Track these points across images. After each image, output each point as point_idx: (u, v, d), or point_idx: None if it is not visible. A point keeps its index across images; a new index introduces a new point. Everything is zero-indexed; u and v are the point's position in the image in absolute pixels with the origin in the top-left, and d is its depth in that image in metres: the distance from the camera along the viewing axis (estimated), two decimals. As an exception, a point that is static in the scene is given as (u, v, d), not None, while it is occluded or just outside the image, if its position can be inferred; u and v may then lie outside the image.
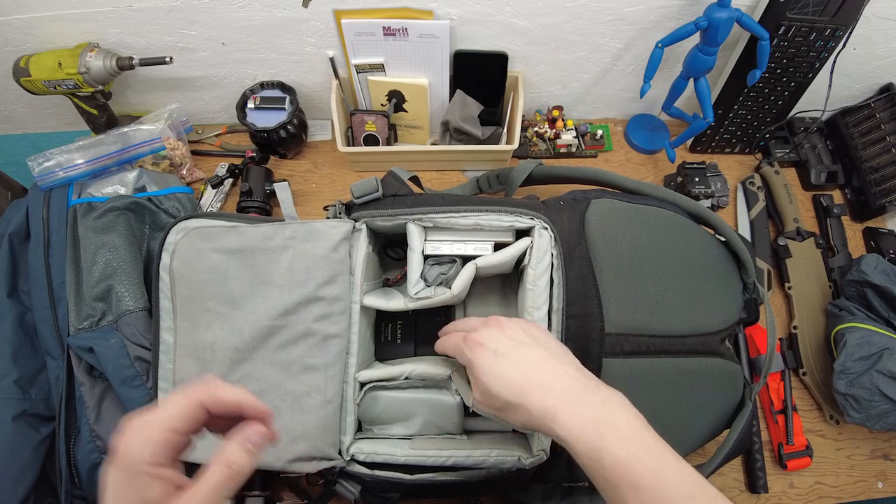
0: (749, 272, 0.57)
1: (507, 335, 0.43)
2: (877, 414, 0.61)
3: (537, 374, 0.40)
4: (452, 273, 0.56)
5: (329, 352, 0.51)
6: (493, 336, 0.43)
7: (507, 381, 0.40)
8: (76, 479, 0.55)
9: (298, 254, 0.52)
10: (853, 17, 0.64)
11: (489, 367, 0.41)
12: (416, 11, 0.64)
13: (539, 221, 0.53)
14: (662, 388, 0.51)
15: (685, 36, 0.64)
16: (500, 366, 0.41)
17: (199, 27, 0.65)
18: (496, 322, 0.44)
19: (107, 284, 0.58)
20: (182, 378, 0.53)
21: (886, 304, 0.66)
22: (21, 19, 0.62)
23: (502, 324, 0.44)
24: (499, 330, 0.43)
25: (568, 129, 0.81)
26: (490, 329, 0.43)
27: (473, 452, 0.52)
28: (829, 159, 0.83)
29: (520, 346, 0.42)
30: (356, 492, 0.53)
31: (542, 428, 0.39)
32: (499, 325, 0.44)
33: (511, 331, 0.43)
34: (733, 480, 0.67)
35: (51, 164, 0.65)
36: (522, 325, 0.44)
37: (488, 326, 0.44)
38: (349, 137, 0.77)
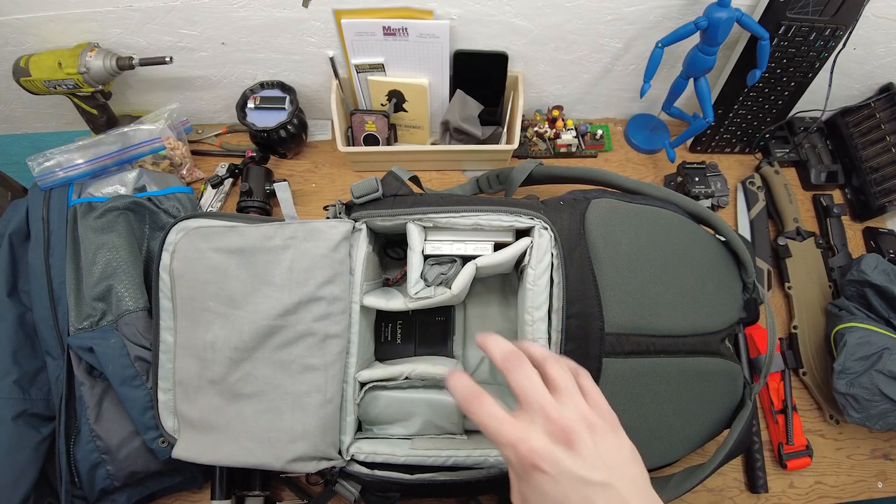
0: (749, 272, 0.57)
1: (579, 463, 0.32)
2: (877, 414, 0.61)
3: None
4: (452, 273, 0.56)
5: (329, 351, 0.51)
6: (558, 461, 0.32)
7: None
8: (76, 479, 0.55)
9: (298, 254, 0.52)
10: (853, 17, 0.64)
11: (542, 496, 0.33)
12: (416, 11, 0.64)
13: (539, 221, 0.53)
14: (662, 388, 0.51)
15: (685, 36, 0.64)
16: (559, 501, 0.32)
17: (199, 27, 0.65)
18: (565, 437, 0.33)
19: (107, 284, 0.58)
20: (182, 378, 0.53)
21: (886, 303, 0.66)
22: (21, 19, 0.62)
23: (572, 440, 0.33)
24: (568, 453, 0.33)
25: (568, 128, 0.81)
26: (557, 450, 0.33)
27: (473, 452, 0.52)
28: (829, 159, 0.83)
29: (588, 486, 0.32)
30: (356, 492, 0.53)
31: None
32: (568, 443, 0.33)
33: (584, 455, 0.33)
34: (733, 480, 0.67)
35: (51, 163, 0.65)
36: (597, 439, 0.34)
37: (555, 443, 0.33)
38: (349, 137, 0.77)
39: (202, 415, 0.51)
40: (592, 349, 0.50)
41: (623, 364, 0.50)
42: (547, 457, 0.32)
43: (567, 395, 0.35)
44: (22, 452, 0.54)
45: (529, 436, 0.33)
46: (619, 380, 0.50)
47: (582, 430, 0.33)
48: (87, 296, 0.58)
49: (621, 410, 0.49)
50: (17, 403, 0.55)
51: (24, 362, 0.58)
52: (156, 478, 0.58)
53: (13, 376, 0.56)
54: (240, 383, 0.51)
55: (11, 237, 0.62)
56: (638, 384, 0.50)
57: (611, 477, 0.33)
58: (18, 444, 0.54)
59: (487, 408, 0.34)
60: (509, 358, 0.36)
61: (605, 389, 0.49)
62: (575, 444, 0.33)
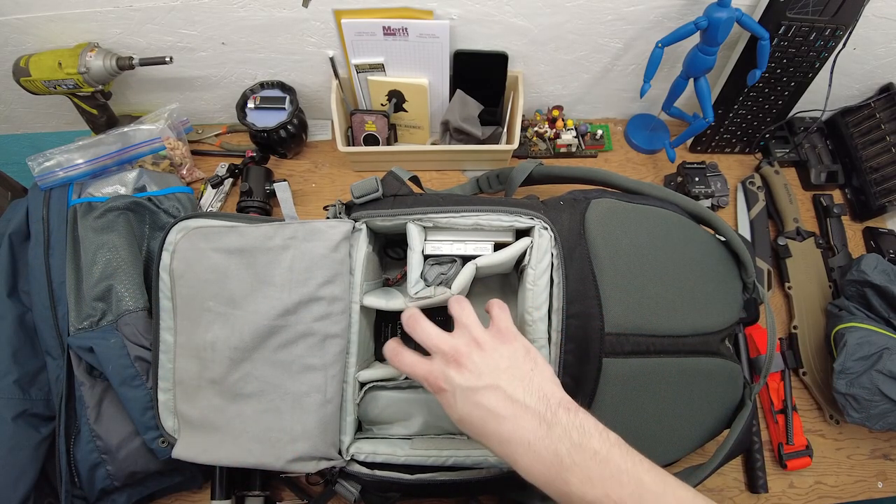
0: (749, 272, 0.57)
1: (465, 376, 0.40)
2: (877, 414, 0.61)
3: (495, 421, 0.38)
4: (452, 273, 0.56)
5: (329, 352, 0.51)
6: (451, 380, 0.40)
7: (469, 426, 0.40)
8: (76, 479, 0.55)
9: (299, 253, 0.52)
10: (853, 17, 0.64)
11: (451, 410, 0.41)
12: (416, 11, 0.64)
13: (539, 221, 0.53)
14: (662, 388, 0.51)
15: (685, 36, 0.64)
16: (461, 412, 0.40)
17: (199, 27, 0.65)
18: (455, 360, 0.41)
19: (107, 284, 0.58)
20: (182, 378, 0.53)
21: (886, 303, 0.66)
22: (21, 19, 0.62)
23: (460, 360, 0.41)
24: (457, 371, 0.40)
25: (568, 128, 0.81)
26: (449, 370, 0.41)
27: (473, 452, 0.52)
28: (829, 159, 0.83)
29: (477, 392, 0.39)
30: (356, 492, 0.53)
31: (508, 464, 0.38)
32: (457, 364, 0.41)
33: (470, 369, 0.40)
34: (733, 480, 0.67)
35: (51, 163, 0.65)
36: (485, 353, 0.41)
37: (447, 366, 0.41)
38: (349, 137, 0.77)
39: (202, 415, 0.51)
40: (592, 349, 0.50)
41: (623, 364, 0.50)
42: (442, 377, 0.41)
43: (460, 328, 0.44)
44: (22, 452, 0.54)
45: (432, 368, 0.42)
46: (619, 380, 0.49)
47: (469, 350, 0.41)
48: (87, 296, 0.58)
49: (621, 410, 0.49)
50: (17, 403, 0.55)
51: (24, 362, 0.57)
52: (156, 478, 0.58)
53: (13, 376, 0.56)
54: (240, 383, 0.51)
55: (11, 237, 0.62)
56: (638, 384, 0.50)
57: (497, 379, 0.39)
58: (18, 444, 0.54)
59: (404, 358, 0.44)
60: (407, 322, 0.45)
61: (606, 389, 0.49)
62: (462, 362, 0.40)
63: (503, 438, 0.37)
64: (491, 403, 0.38)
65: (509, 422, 0.37)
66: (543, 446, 0.35)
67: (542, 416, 0.37)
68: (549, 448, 0.35)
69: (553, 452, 0.35)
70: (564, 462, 0.35)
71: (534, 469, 0.36)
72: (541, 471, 0.35)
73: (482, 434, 0.39)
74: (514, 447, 0.36)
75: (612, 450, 0.35)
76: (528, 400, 0.38)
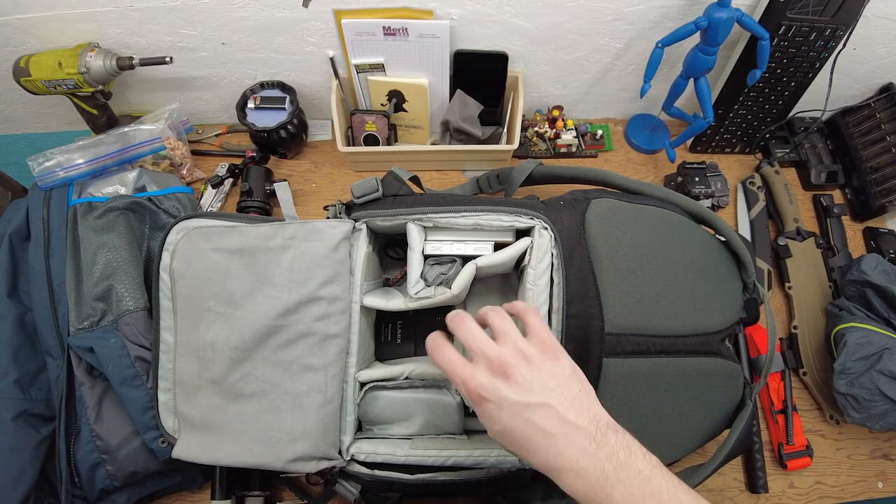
0: (749, 272, 0.57)
1: (515, 390, 0.38)
2: (877, 414, 0.61)
3: (543, 438, 0.37)
4: (452, 273, 0.56)
5: (329, 351, 0.51)
6: (497, 391, 0.38)
7: (511, 439, 0.39)
8: (76, 479, 0.55)
9: (299, 253, 0.52)
10: (853, 17, 0.64)
11: (492, 422, 0.39)
12: (416, 11, 0.64)
13: (539, 221, 0.53)
14: (662, 388, 0.51)
15: (685, 36, 0.64)
16: (504, 425, 0.38)
17: (199, 27, 0.65)
18: (502, 371, 0.39)
19: (107, 284, 0.58)
20: (182, 378, 0.53)
21: (886, 304, 0.66)
22: (21, 19, 0.62)
23: (509, 372, 0.39)
24: (505, 383, 0.38)
25: (568, 128, 0.81)
26: (495, 381, 0.39)
27: (473, 452, 0.52)
28: (830, 159, 0.83)
29: (527, 409, 0.38)
30: (356, 492, 0.53)
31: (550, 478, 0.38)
32: (505, 376, 0.39)
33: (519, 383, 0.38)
34: (733, 480, 0.67)
35: (51, 163, 0.65)
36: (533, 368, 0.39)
37: (494, 376, 0.39)
38: (349, 137, 0.77)
39: (202, 415, 0.51)
40: (593, 349, 0.50)
41: (623, 364, 0.50)
42: (488, 388, 0.38)
43: (504, 337, 0.41)
44: (22, 452, 0.54)
45: (475, 374, 0.39)
46: (619, 380, 0.49)
47: (517, 363, 0.39)
48: (88, 296, 0.58)
49: (621, 410, 0.49)
50: (17, 403, 0.55)
51: (24, 362, 0.57)
52: (156, 478, 0.58)
53: (13, 376, 0.56)
54: (240, 383, 0.51)
55: (11, 237, 0.62)
56: (638, 384, 0.50)
57: (548, 398, 0.38)
58: (18, 444, 0.54)
59: (446, 353, 0.42)
60: (453, 319, 0.43)
61: (606, 389, 0.49)
62: (511, 375, 0.39)
63: (550, 453, 0.37)
64: (542, 422, 0.37)
65: (560, 440, 0.37)
66: (591, 464, 0.36)
67: (592, 437, 0.37)
68: (597, 466, 0.36)
69: (600, 470, 0.35)
70: (610, 479, 0.35)
71: (577, 485, 0.36)
72: (585, 487, 0.36)
73: (526, 449, 0.38)
74: (560, 463, 0.37)
75: (654, 470, 0.36)
76: (580, 421, 0.38)
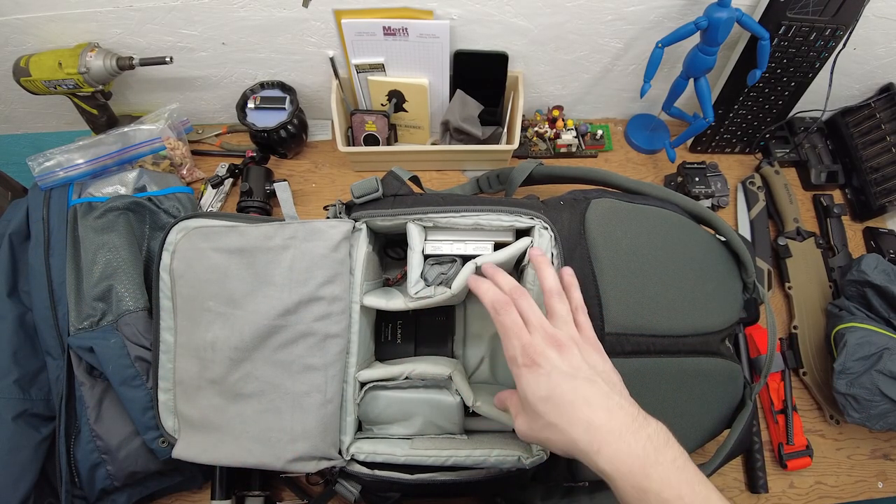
0: (749, 272, 0.57)
1: (566, 362, 0.41)
2: (877, 414, 0.61)
3: (588, 408, 0.38)
4: (452, 273, 0.56)
5: (329, 351, 0.51)
6: (550, 359, 0.41)
7: (554, 406, 0.39)
8: (76, 479, 0.55)
9: (299, 253, 0.52)
10: (853, 17, 0.64)
11: (538, 387, 0.40)
12: (416, 11, 0.64)
13: (539, 221, 0.53)
14: (663, 387, 0.51)
15: (685, 36, 0.64)
16: (552, 390, 0.40)
17: (200, 27, 0.65)
18: (557, 344, 0.42)
19: (107, 284, 0.58)
20: (182, 378, 0.53)
21: (886, 303, 0.66)
22: (21, 19, 0.62)
23: (563, 347, 0.42)
24: (558, 354, 0.41)
25: (568, 128, 0.81)
26: (549, 350, 0.41)
27: (473, 452, 0.52)
28: (830, 159, 0.83)
29: (575, 379, 0.40)
30: (356, 491, 0.53)
31: (582, 458, 0.38)
32: (559, 348, 0.41)
33: (571, 358, 0.41)
34: (733, 480, 0.67)
35: (51, 163, 0.65)
36: (584, 352, 0.42)
37: (548, 345, 0.42)
38: (349, 137, 0.77)
39: (202, 415, 0.51)
40: (592, 349, 0.50)
41: (623, 364, 0.49)
42: (542, 353, 0.41)
43: (561, 321, 0.44)
44: (22, 452, 0.54)
45: (533, 340, 0.42)
46: (619, 380, 0.49)
47: (570, 343, 0.42)
48: (88, 296, 0.58)
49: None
50: (18, 403, 0.55)
51: (24, 362, 0.57)
52: (156, 478, 0.58)
53: (13, 376, 0.56)
54: (240, 383, 0.51)
55: (11, 237, 0.62)
56: (638, 384, 0.50)
57: (596, 376, 0.41)
58: (18, 444, 0.54)
59: (512, 315, 0.43)
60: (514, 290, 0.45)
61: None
62: (564, 350, 0.41)
63: (593, 425, 0.38)
64: (588, 393, 0.39)
65: (603, 413, 0.38)
66: (634, 441, 0.37)
67: (634, 417, 0.38)
68: (639, 444, 0.36)
69: (641, 448, 0.36)
70: (650, 458, 0.36)
71: (618, 457, 0.36)
72: (625, 461, 0.36)
73: (569, 418, 0.39)
74: (603, 434, 0.37)
75: (687, 462, 0.37)
76: (623, 402, 0.39)
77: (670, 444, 0.37)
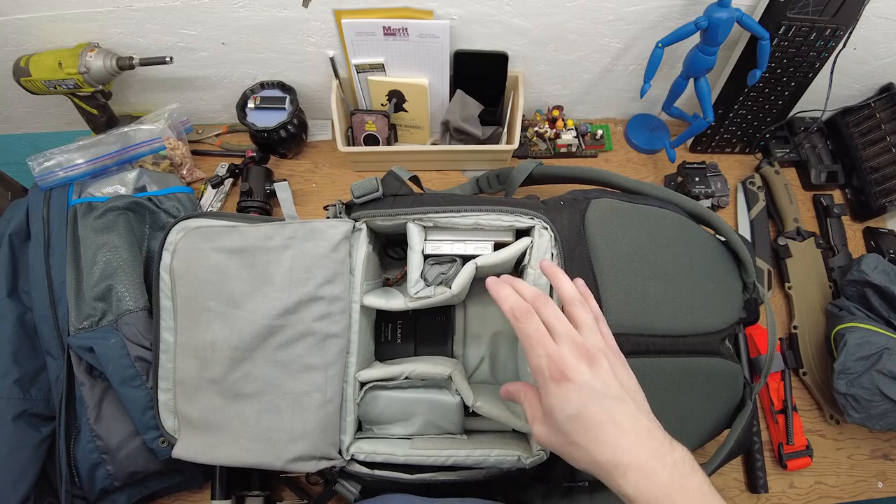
0: (749, 272, 0.57)
1: (598, 378, 0.39)
2: (877, 414, 0.61)
3: (617, 432, 0.37)
4: (452, 273, 0.56)
5: (329, 351, 0.51)
6: (581, 373, 0.39)
7: (581, 426, 0.38)
8: (76, 479, 0.55)
9: (299, 253, 0.52)
10: (853, 17, 0.64)
11: (567, 404, 0.38)
12: (416, 11, 0.64)
13: (539, 221, 0.53)
14: (663, 387, 0.51)
15: (685, 36, 0.64)
16: (582, 409, 0.38)
17: (200, 27, 0.65)
18: (588, 356, 0.40)
19: (107, 284, 0.58)
20: (182, 378, 0.53)
21: (886, 304, 0.66)
22: (21, 19, 0.62)
23: (594, 360, 0.40)
24: (589, 368, 0.39)
25: (568, 128, 0.81)
26: (581, 364, 0.39)
27: (473, 452, 0.52)
28: (830, 159, 0.83)
29: (606, 398, 0.38)
30: (356, 491, 0.53)
31: (604, 478, 0.37)
32: (590, 361, 0.39)
33: (602, 374, 0.39)
34: (733, 480, 0.67)
35: (51, 163, 0.65)
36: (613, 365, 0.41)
37: (580, 359, 0.39)
38: (349, 137, 0.77)
39: (202, 414, 0.51)
40: (592, 349, 0.50)
41: (623, 364, 0.50)
42: (573, 367, 0.39)
43: (589, 330, 0.42)
44: (22, 452, 0.54)
45: (562, 351, 0.40)
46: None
47: (600, 355, 0.40)
48: (88, 296, 0.58)
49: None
50: (18, 403, 0.55)
51: (25, 362, 0.57)
52: (156, 478, 0.58)
53: (13, 376, 0.56)
54: (240, 383, 0.51)
55: (11, 237, 0.62)
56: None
57: (625, 395, 0.39)
58: (18, 444, 0.54)
59: (535, 324, 0.41)
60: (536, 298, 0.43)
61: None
62: (596, 364, 0.39)
63: (620, 448, 0.37)
64: (619, 415, 0.38)
65: (632, 437, 0.37)
66: (660, 467, 0.36)
67: (661, 442, 0.37)
68: (665, 470, 0.36)
69: (668, 475, 0.36)
70: (676, 485, 0.35)
71: (644, 483, 0.36)
72: (650, 487, 0.35)
73: (594, 439, 0.37)
74: (629, 459, 0.36)
75: (712, 490, 0.36)
76: (651, 425, 0.38)
77: (696, 470, 0.36)
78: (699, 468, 0.37)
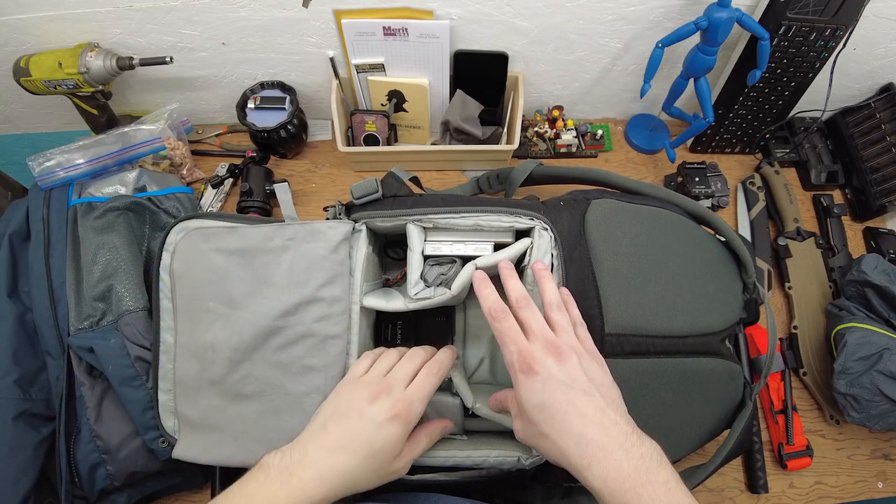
0: (749, 272, 0.57)
1: (564, 372, 0.41)
2: (877, 414, 0.61)
3: (581, 421, 0.38)
4: (452, 273, 0.56)
5: (329, 352, 0.51)
6: (547, 367, 0.41)
7: (548, 416, 0.39)
8: (76, 479, 0.55)
9: (298, 254, 0.52)
10: (853, 17, 0.64)
11: (533, 394, 0.40)
12: (416, 11, 0.64)
13: (539, 222, 0.53)
14: (663, 388, 0.51)
15: (685, 36, 0.64)
16: (546, 399, 0.39)
17: (200, 27, 0.65)
18: (556, 352, 0.42)
19: (107, 284, 0.58)
20: (182, 378, 0.53)
21: (886, 304, 0.66)
22: (21, 19, 0.62)
23: (562, 355, 0.41)
24: (556, 362, 0.41)
25: (568, 128, 0.81)
26: (547, 359, 0.41)
27: (473, 452, 0.52)
28: (830, 159, 0.83)
29: (571, 390, 0.40)
30: (356, 492, 0.53)
31: (572, 471, 0.38)
32: (558, 356, 0.41)
33: (569, 368, 0.41)
34: (733, 480, 0.67)
35: (51, 163, 0.65)
36: (583, 361, 0.42)
37: (547, 354, 0.41)
38: (349, 137, 0.77)
39: (202, 415, 0.51)
40: (592, 349, 0.50)
41: (623, 365, 0.50)
42: (540, 361, 0.41)
43: (563, 331, 0.44)
44: (22, 452, 0.54)
45: (532, 347, 0.42)
46: (619, 381, 0.49)
47: (571, 353, 0.42)
48: (88, 296, 0.58)
49: (621, 411, 0.49)
50: (18, 403, 0.55)
51: (25, 362, 0.57)
52: (156, 478, 0.58)
53: (13, 376, 0.56)
54: (240, 384, 0.51)
55: (11, 237, 0.62)
56: (638, 385, 0.50)
57: (593, 389, 0.40)
58: (19, 445, 0.54)
59: (509, 321, 0.44)
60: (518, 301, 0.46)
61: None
62: (564, 359, 0.41)
63: (585, 438, 0.37)
64: (584, 406, 0.39)
65: (597, 427, 0.38)
66: (626, 459, 0.36)
67: (628, 435, 0.38)
68: (631, 463, 0.36)
69: (633, 468, 0.36)
70: (641, 478, 0.36)
71: (609, 474, 0.36)
72: (616, 478, 0.36)
73: (560, 428, 0.39)
74: (594, 450, 0.37)
75: (680, 485, 0.36)
76: (618, 419, 0.39)
77: (664, 465, 0.37)
78: (668, 464, 0.37)
